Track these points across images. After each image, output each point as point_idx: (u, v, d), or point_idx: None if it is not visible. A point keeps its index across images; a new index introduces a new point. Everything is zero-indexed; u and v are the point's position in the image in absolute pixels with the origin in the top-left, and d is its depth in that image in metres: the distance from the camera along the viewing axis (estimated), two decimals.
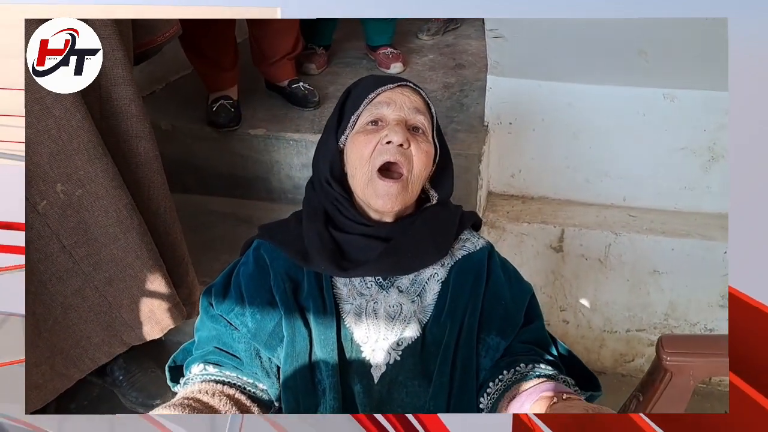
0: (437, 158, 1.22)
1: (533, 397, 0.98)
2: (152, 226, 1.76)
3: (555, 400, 0.94)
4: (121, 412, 1.90)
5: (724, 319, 2.42)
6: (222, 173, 2.58)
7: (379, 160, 1.11)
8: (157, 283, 1.75)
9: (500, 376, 1.06)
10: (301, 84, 2.65)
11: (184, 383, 1.15)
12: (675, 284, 2.41)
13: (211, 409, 1.04)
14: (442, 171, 1.24)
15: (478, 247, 1.21)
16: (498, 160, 2.57)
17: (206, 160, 2.58)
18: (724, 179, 2.39)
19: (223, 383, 1.10)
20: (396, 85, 1.18)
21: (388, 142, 1.11)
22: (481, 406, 1.08)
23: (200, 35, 2.42)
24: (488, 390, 1.06)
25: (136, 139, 1.72)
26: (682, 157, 2.40)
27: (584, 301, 2.51)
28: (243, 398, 1.11)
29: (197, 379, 1.12)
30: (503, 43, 2.26)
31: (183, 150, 2.54)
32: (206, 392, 1.07)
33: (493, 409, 1.04)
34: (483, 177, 2.40)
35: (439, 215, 1.21)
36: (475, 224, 1.31)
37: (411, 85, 1.19)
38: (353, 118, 1.17)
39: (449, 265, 1.18)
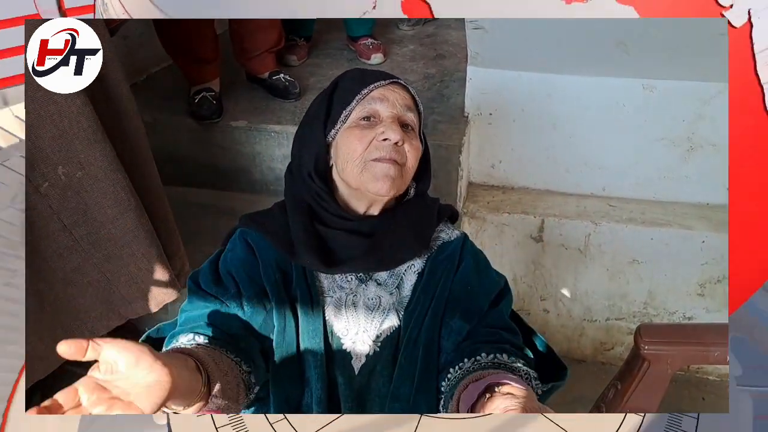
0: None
1: (479, 388, 0.93)
2: (145, 202, 1.82)
3: (488, 396, 0.88)
4: None
5: (702, 307, 2.45)
6: (204, 165, 2.57)
7: (374, 155, 1.10)
8: (153, 260, 1.82)
9: (461, 363, 1.05)
10: (282, 75, 2.65)
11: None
12: (654, 273, 2.43)
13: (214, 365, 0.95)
14: (424, 165, 1.24)
15: (453, 238, 1.23)
16: (478, 150, 2.58)
17: (188, 152, 2.57)
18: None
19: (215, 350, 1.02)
20: (388, 81, 1.16)
21: (385, 140, 1.10)
22: (441, 389, 1.07)
23: (179, 30, 2.41)
24: (449, 375, 1.06)
25: (127, 119, 1.78)
26: (662, 147, 2.41)
27: (565, 291, 2.53)
28: (239, 368, 1.03)
29: (187, 345, 1.02)
30: (483, 34, 2.26)
31: (165, 142, 2.53)
32: (205, 354, 0.97)
33: (449, 394, 1.03)
34: (463, 167, 2.41)
35: (418, 209, 1.21)
36: (452, 216, 1.32)
37: (401, 82, 1.18)
38: (345, 112, 1.15)
39: (426, 256, 1.19)
